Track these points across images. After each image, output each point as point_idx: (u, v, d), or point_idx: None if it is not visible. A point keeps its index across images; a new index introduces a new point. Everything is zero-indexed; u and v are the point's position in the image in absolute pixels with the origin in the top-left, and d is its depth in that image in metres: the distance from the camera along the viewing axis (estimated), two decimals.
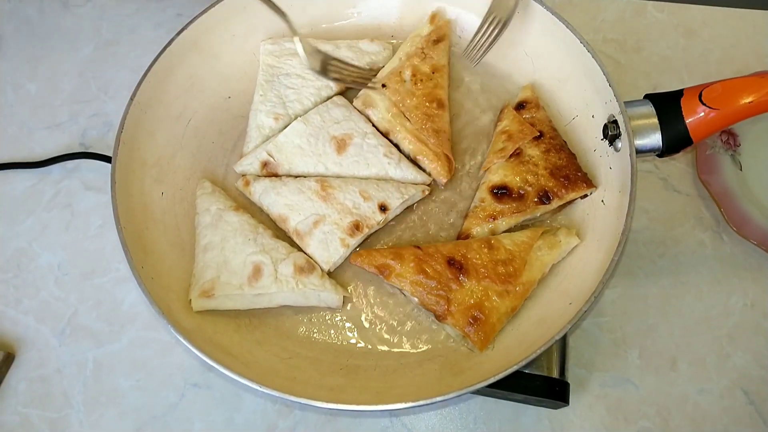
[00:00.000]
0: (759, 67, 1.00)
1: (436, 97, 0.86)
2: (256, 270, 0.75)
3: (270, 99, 0.87)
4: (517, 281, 0.74)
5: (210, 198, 0.82)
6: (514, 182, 0.79)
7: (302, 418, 0.79)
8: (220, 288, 0.74)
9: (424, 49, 0.88)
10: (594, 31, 1.06)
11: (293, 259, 0.76)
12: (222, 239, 0.77)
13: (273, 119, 0.86)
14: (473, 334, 0.71)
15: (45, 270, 0.90)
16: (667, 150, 0.73)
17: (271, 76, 0.89)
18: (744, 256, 0.87)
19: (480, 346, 0.71)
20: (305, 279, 0.75)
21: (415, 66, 0.87)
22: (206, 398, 0.81)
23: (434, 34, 0.90)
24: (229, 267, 0.75)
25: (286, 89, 0.88)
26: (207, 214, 0.80)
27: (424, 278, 0.74)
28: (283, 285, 0.74)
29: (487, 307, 0.72)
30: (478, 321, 0.71)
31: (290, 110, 0.87)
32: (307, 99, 0.88)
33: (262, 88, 0.88)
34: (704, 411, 0.79)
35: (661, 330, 0.83)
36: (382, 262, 0.76)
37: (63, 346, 0.85)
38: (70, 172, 0.97)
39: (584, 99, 0.81)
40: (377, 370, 0.74)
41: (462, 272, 0.74)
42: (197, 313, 0.74)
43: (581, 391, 0.80)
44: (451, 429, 0.79)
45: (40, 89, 1.05)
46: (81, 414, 0.81)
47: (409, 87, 0.86)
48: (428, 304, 0.74)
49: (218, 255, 0.76)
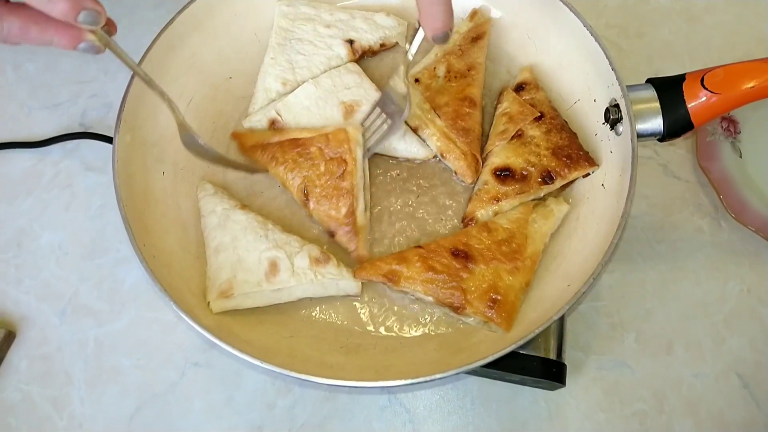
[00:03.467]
0: (761, 53, 1.00)
1: (468, 95, 0.84)
2: (272, 266, 0.75)
3: (280, 63, 0.87)
4: (524, 255, 0.74)
5: (213, 199, 0.81)
6: (517, 163, 0.79)
7: (301, 396, 0.80)
8: (238, 287, 0.74)
9: (461, 46, 0.87)
10: (597, 16, 1.05)
11: (308, 251, 0.76)
12: (233, 239, 0.77)
13: (281, 84, 0.86)
14: (495, 316, 0.70)
15: (46, 250, 0.90)
16: (668, 134, 0.73)
17: (284, 40, 0.88)
18: (742, 243, 0.88)
19: (506, 326, 0.70)
20: (322, 269, 0.75)
21: (450, 63, 0.86)
22: (206, 377, 0.82)
23: (473, 31, 0.88)
24: (245, 265, 0.75)
25: (296, 54, 0.87)
26: (213, 216, 0.79)
27: (433, 274, 0.73)
28: (302, 277, 0.74)
29: (502, 287, 0.72)
30: (497, 302, 0.71)
31: (298, 77, 0.86)
32: (316, 67, 0.87)
33: (273, 51, 0.88)
34: (699, 394, 0.80)
35: (657, 314, 0.84)
36: (388, 269, 0.74)
37: (64, 325, 0.85)
38: (70, 152, 0.97)
39: (586, 83, 0.81)
40: (377, 348, 0.74)
41: (469, 260, 0.73)
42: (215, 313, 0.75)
43: (578, 374, 0.81)
44: (448, 409, 0.80)
45: (40, 69, 1.05)
46: (82, 391, 0.82)
47: (441, 83, 0.85)
48: (444, 300, 0.73)
49: (231, 255, 0.76)
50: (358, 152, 0.79)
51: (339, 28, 0.89)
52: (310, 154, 0.79)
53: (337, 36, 0.89)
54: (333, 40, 0.88)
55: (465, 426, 0.79)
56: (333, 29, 0.89)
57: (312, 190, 0.78)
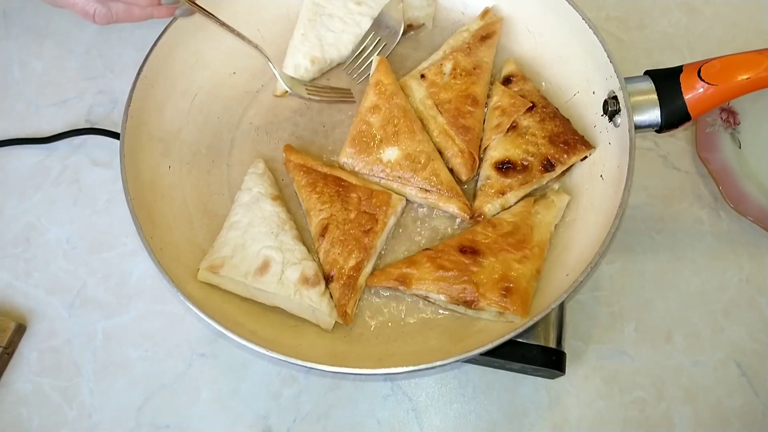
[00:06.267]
0: (760, 45, 0.99)
1: (472, 93, 0.84)
2: (264, 264, 0.75)
3: (310, 39, 0.87)
4: (531, 244, 0.74)
5: (257, 179, 0.82)
6: (516, 155, 0.80)
7: (306, 386, 0.82)
8: (228, 269, 0.75)
9: (470, 45, 0.88)
10: (597, 9, 1.06)
11: (303, 267, 0.75)
12: (249, 223, 0.78)
13: (309, 62, 0.87)
14: (510, 304, 0.70)
15: (54, 244, 0.92)
16: (665, 125, 0.74)
17: (315, 15, 0.88)
18: (740, 233, 0.89)
19: (522, 313, 0.70)
20: (305, 291, 0.74)
21: (457, 60, 0.86)
22: (213, 367, 0.83)
23: (483, 30, 0.89)
24: (244, 252, 0.76)
25: (327, 31, 0.88)
26: (248, 194, 0.81)
27: (443, 272, 0.73)
28: (283, 289, 0.74)
29: (513, 276, 0.72)
30: (510, 291, 0.71)
31: (327, 54, 0.87)
32: (344, 46, 0.89)
33: (304, 27, 0.88)
34: (698, 382, 0.81)
35: (657, 304, 0.85)
36: (398, 273, 0.75)
37: (73, 317, 0.87)
38: (77, 148, 0.99)
39: (585, 75, 0.82)
40: (379, 338, 0.75)
41: (477, 254, 0.74)
42: (205, 283, 0.76)
43: (578, 363, 0.82)
44: (449, 397, 0.81)
45: (47, 67, 1.06)
46: (91, 383, 0.83)
47: (447, 80, 0.86)
48: (457, 296, 0.73)
49: (239, 236, 0.77)
50: (392, 220, 0.79)
51: (369, 6, 0.90)
52: (348, 199, 0.79)
53: (366, 14, 0.89)
54: (362, 18, 0.89)
55: (466, 414, 0.80)
56: (363, 6, 0.89)
57: (333, 230, 0.77)
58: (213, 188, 0.86)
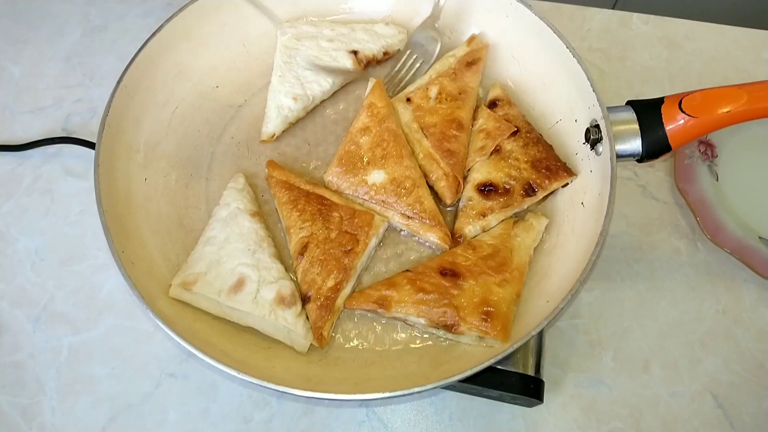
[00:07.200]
0: (738, 80, 1.03)
1: (457, 118, 0.85)
2: (239, 282, 0.73)
3: (288, 80, 0.89)
4: (511, 267, 0.74)
5: (236, 195, 0.81)
6: (499, 178, 0.81)
7: (278, 410, 0.79)
8: (201, 286, 0.73)
9: (455, 70, 0.89)
10: (580, 39, 1.08)
11: (279, 286, 0.73)
12: (225, 239, 0.76)
13: (292, 100, 0.87)
14: (490, 329, 0.69)
15: (22, 255, 0.89)
16: (646, 155, 0.74)
17: (289, 58, 0.90)
18: (718, 264, 0.89)
19: (502, 338, 0.69)
20: (280, 311, 0.72)
21: (443, 85, 0.87)
22: (182, 388, 0.81)
23: (469, 56, 0.90)
24: (219, 269, 0.74)
25: (303, 71, 0.89)
26: (226, 209, 0.79)
27: (424, 295, 0.72)
28: (258, 308, 0.72)
29: (493, 300, 0.71)
30: (490, 315, 0.70)
31: (308, 91, 0.89)
32: (324, 81, 0.90)
33: (280, 69, 0.90)
34: (675, 413, 0.80)
35: (635, 333, 0.85)
36: (378, 295, 0.74)
37: (38, 332, 0.84)
38: (51, 157, 0.96)
39: (568, 103, 0.83)
40: (356, 362, 0.74)
41: (457, 277, 0.73)
42: (176, 299, 0.74)
43: (556, 391, 0.81)
44: (426, 425, 0.79)
45: (25, 73, 1.04)
46: (54, 401, 0.80)
47: (432, 104, 0.86)
48: (437, 319, 0.72)
49: (215, 252, 0.75)
50: (373, 241, 0.78)
51: (341, 41, 0.92)
52: (330, 218, 0.78)
53: (340, 48, 0.91)
54: (337, 53, 0.91)
55: None
56: (336, 42, 0.92)
57: (312, 249, 0.76)
58: (190, 202, 0.84)
